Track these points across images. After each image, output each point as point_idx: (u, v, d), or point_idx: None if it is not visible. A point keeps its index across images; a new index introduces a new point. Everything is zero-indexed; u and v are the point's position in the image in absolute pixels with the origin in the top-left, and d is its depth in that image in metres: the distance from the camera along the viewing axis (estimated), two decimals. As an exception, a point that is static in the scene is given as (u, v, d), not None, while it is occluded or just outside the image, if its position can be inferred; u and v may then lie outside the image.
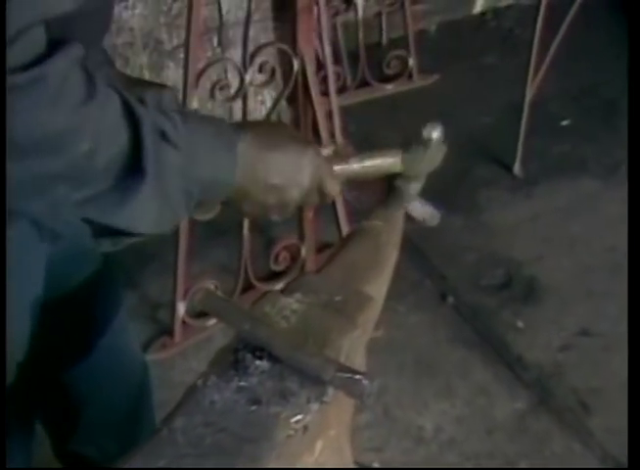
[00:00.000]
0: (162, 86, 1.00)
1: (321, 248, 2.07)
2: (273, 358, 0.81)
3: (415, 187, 1.02)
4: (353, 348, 0.86)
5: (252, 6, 1.64)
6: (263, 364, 0.82)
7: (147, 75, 2.03)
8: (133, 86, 0.95)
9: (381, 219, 0.99)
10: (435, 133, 0.95)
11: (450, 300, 2.10)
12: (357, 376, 0.76)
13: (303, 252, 2.04)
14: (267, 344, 0.80)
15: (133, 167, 0.68)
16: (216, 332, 1.91)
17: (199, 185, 0.75)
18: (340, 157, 0.92)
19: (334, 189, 0.87)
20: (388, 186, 1.01)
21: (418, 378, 1.93)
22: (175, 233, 1.81)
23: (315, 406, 0.80)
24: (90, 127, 0.64)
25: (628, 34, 1.71)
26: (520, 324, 2.04)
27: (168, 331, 1.94)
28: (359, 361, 0.87)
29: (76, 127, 0.63)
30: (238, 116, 1.82)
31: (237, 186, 0.78)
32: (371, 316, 0.92)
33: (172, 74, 1.94)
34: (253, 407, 0.79)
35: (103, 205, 0.69)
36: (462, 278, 2.15)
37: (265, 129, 0.83)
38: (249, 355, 0.82)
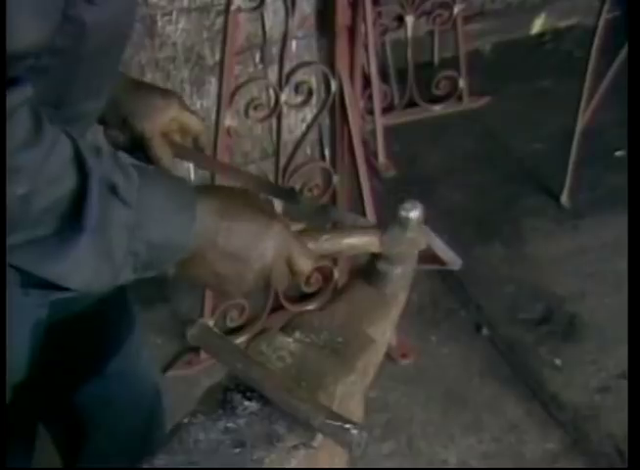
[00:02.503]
0: (167, 91, 0.99)
1: (354, 271, 2.03)
2: (263, 400, 0.78)
3: (400, 271, 0.91)
4: (349, 393, 0.82)
5: (292, 24, 1.62)
6: (252, 406, 0.79)
7: (187, 90, 2.03)
8: (135, 90, 0.94)
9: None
10: (414, 213, 0.86)
11: (485, 332, 2.03)
12: (346, 425, 0.72)
13: (336, 274, 2.01)
14: (258, 384, 0.77)
15: (73, 219, 0.65)
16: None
17: (147, 247, 0.70)
18: (312, 233, 0.86)
19: (305, 266, 0.81)
20: (369, 267, 0.92)
21: (446, 410, 1.87)
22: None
23: (302, 452, 0.77)
24: (30, 172, 0.62)
25: (628, 36, 1.61)
26: (557, 362, 1.96)
27: (196, 348, 1.92)
28: (354, 407, 0.83)
29: (14, 170, 0.61)
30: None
31: (192, 251, 0.74)
32: (372, 360, 0.88)
33: (213, 90, 1.94)
34: (237, 450, 0.77)
35: (35, 253, 0.66)
36: (499, 310, 2.08)
37: (231, 196, 0.78)
38: (238, 396, 0.79)
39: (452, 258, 0.96)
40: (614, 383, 1.90)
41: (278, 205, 1.76)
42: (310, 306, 2.01)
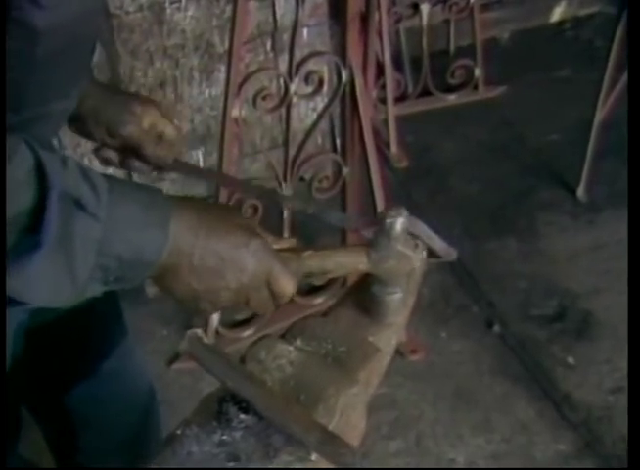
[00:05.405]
0: (149, 101, 0.96)
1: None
2: (259, 413, 0.75)
3: (396, 297, 0.85)
4: (350, 405, 0.79)
5: (303, 12, 1.58)
6: (248, 419, 0.76)
7: (196, 78, 2.00)
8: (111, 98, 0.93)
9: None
10: (400, 220, 0.79)
11: (497, 328, 1.99)
12: (340, 449, 0.69)
13: (345, 267, 1.97)
14: (250, 402, 0.74)
15: (30, 234, 0.63)
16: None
17: (117, 262, 0.68)
18: (296, 252, 0.81)
19: (286, 288, 0.77)
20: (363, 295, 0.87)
21: (455, 409, 1.84)
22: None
23: (299, 467, 0.74)
24: None
25: (628, 35, 1.55)
26: (570, 360, 1.92)
27: (201, 340, 1.90)
28: (356, 420, 0.80)
29: None
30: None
31: (165, 265, 0.71)
32: (376, 370, 0.84)
33: (223, 78, 1.90)
34: (231, 464, 0.74)
35: None
36: (511, 306, 2.03)
37: (209, 210, 0.75)
38: (233, 408, 0.76)
39: (446, 250, 0.91)
40: (627, 383, 1.86)
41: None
42: (319, 299, 1.98)
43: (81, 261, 0.66)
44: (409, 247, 0.82)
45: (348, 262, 0.82)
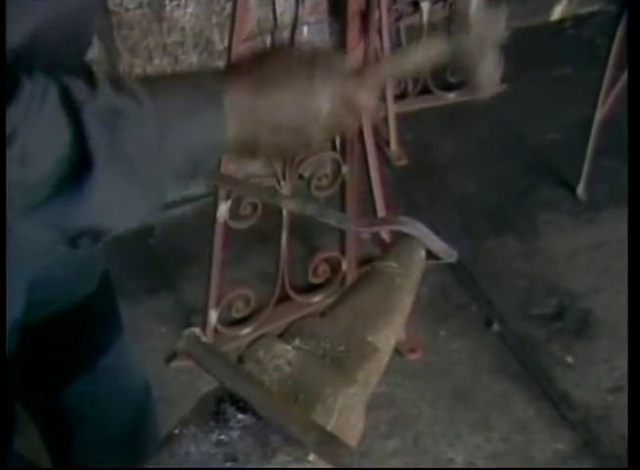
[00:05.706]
0: None
1: (363, 262, 1.99)
2: (257, 413, 0.75)
3: (487, 62, 0.84)
4: (349, 405, 0.78)
5: (302, 10, 1.57)
6: (246, 418, 0.75)
7: (196, 75, 1.99)
8: None
9: (396, 261, 0.90)
10: None
11: (496, 327, 1.99)
12: (339, 449, 0.68)
13: (344, 265, 1.97)
14: (248, 402, 0.74)
15: (80, 160, 0.61)
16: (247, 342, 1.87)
17: (184, 154, 0.66)
18: (370, 64, 0.80)
19: (367, 103, 0.75)
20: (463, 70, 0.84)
21: (454, 408, 1.84)
22: (210, 239, 1.77)
23: (297, 467, 0.73)
24: (13, 130, 0.58)
25: (628, 38, 1.55)
26: (569, 359, 1.92)
27: (200, 338, 1.90)
28: (355, 420, 0.79)
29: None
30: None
31: (238, 137, 0.69)
32: (374, 370, 0.84)
33: (222, 75, 1.90)
34: (229, 464, 0.73)
35: (56, 208, 0.62)
36: (510, 305, 2.03)
37: (261, 65, 0.71)
38: (231, 408, 0.76)
39: (446, 252, 0.91)
40: (627, 383, 1.86)
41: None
42: (317, 298, 1.98)
43: (145, 167, 0.64)
44: (486, 19, 0.80)
45: (427, 55, 0.80)
